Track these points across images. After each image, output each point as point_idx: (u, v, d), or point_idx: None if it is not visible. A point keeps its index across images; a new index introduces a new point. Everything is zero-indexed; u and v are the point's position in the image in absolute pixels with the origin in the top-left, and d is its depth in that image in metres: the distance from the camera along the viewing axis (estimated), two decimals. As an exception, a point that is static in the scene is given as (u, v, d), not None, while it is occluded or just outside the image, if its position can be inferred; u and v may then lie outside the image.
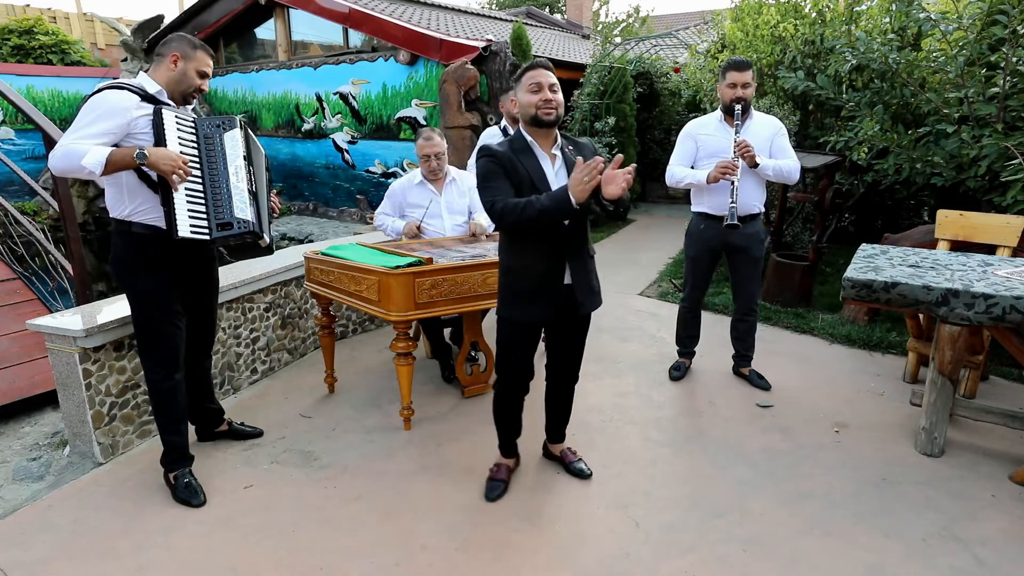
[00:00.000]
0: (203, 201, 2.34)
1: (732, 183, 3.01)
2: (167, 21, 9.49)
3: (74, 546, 2.23)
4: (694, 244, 3.37)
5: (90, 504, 2.46)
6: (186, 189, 2.28)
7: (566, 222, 2.15)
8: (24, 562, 2.16)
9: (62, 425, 2.95)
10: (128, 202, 2.32)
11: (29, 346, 3.60)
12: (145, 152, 2.14)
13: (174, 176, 2.18)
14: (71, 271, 3.77)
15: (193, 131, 2.35)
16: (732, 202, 3.00)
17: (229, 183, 2.38)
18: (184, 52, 2.35)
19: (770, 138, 3.15)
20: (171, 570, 2.12)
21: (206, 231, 2.33)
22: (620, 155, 2.05)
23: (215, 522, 2.35)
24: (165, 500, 2.48)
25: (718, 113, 3.21)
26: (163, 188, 2.26)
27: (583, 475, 2.61)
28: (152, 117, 2.24)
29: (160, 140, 2.22)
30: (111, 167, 2.14)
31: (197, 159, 2.34)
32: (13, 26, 9.71)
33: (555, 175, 2.21)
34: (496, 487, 2.52)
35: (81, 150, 2.11)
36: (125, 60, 9.54)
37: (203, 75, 2.40)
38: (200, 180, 2.34)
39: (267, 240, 2.55)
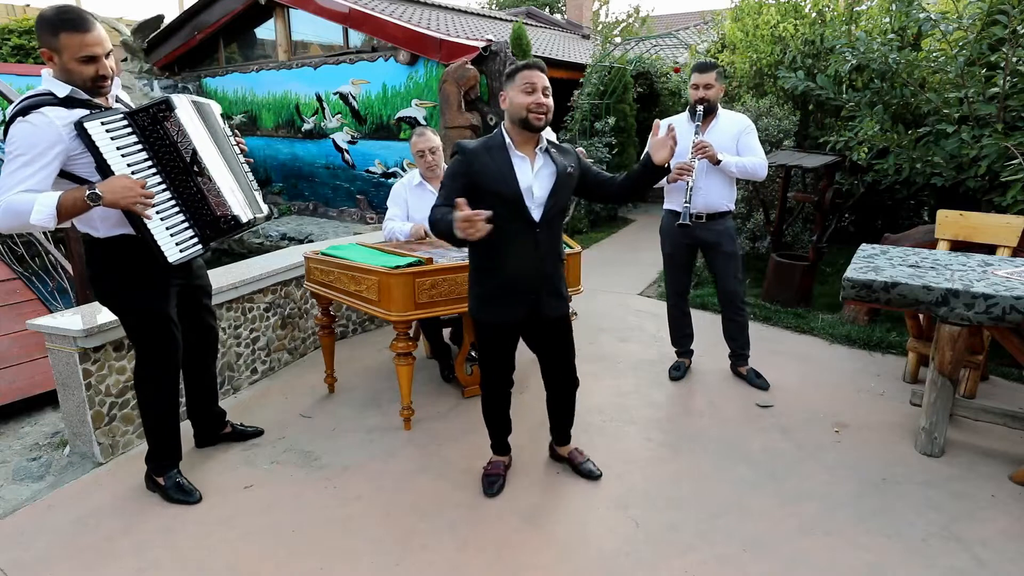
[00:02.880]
0: (178, 210, 2.10)
1: (687, 184, 3.09)
2: (167, 21, 9.49)
3: (74, 546, 2.23)
4: (667, 241, 3.46)
5: (90, 504, 2.46)
6: (155, 205, 2.05)
7: (537, 230, 2.15)
8: (24, 562, 2.16)
9: (62, 425, 2.95)
10: (100, 226, 2.12)
11: (29, 346, 3.60)
12: (97, 192, 1.89)
13: (138, 206, 1.94)
14: (71, 271, 3.77)
15: (130, 132, 2.02)
16: (686, 201, 3.10)
17: (195, 179, 2.10)
18: (47, 42, 1.91)
19: (736, 136, 3.21)
20: (171, 570, 2.12)
21: (197, 243, 2.15)
22: (658, 121, 2.08)
23: (215, 522, 2.35)
24: (165, 500, 2.48)
25: (687, 112, 3.27)
26: (131, 216, 2.02)
27: (592, 476, 2.59)
28: (78, 133, 1.92)
29: (100, 160, 1.94)
30: (64, 216, 1.89)
31: (149, 163, 2.05)
32: (13, 26, 9.71)
33: (534, 175, 2.16)
34: (495, 481, 2.53)
35: (25, 206, 1.83)
36: (125, 60, 9.53)
37: (86, 60, 1.92)
38: (164, 186, 2.07)
39: (263, 215, 2.35)
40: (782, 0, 5.61)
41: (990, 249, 3.29)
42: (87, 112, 1.97)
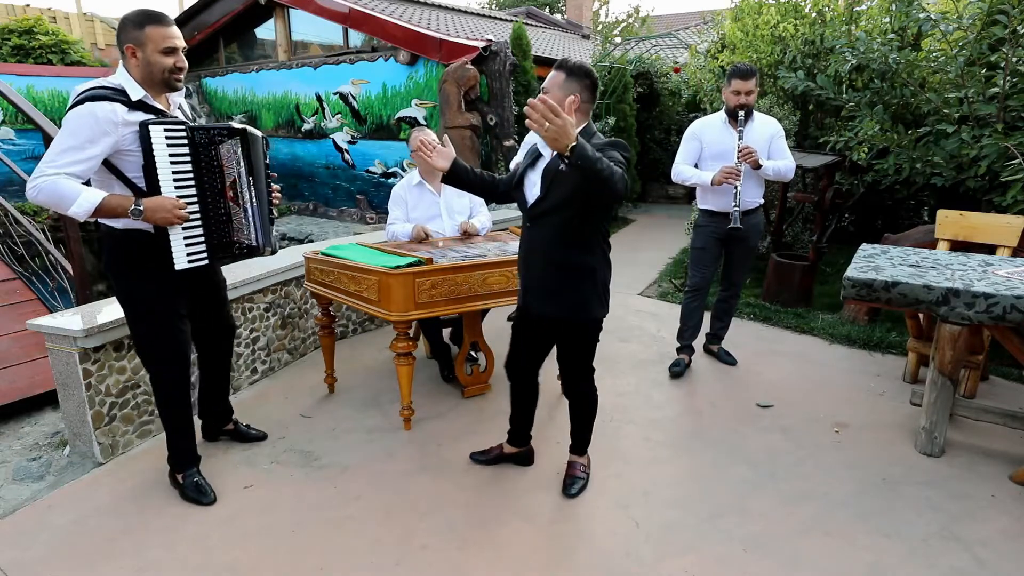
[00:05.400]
0: (199, 224, 2.22)
1: (735, 187, 3.19)
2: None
3: (74, 546, 2.23)
4: (700, 236, 3.51)
5: (90, 504, 2.46)
6: None
7: (528, 223, 2.25)
8: (24, 562, 2.16)
9: (62, 425, 2.95)
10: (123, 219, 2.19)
11: (29, 346, 3.60)
12: (141, 209, 2.06)
13: (174, 222, 2.13)
14: (71, 271, 3.77)
15: (186, 144, 2.16)
16: (735, 206, 3.20)
17: (227, 202, 2.25)
18: (134, 38, 2.06)
19: (769, 139, 3.31)
20: (171, 570, 2.12)
21: (204, 256, 2.26)
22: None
23: (215, 522, 2.35)
24: (165, 500, 2.48)
25: (722, 115, 3.35)
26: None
27: (567, 493, 2.49)
28: (139, 133, 2.07)
29: (149, 162, 2.09)
30: (100, 215, 2.05)
31: (191, 176, 2.19)
32: (13, 26, 9.70)
33: (534, 169, 2.24)
34: (482, 455, 2.72)
35: (71, 193, 1.97)
36: (125, 60, 9.53)
37: (169, 51, 2.08)
38: (196, 199, 2.21)
39: (270, 250, 2.46)
40: (782, 0, 5.61)
41: (990, 249, 3.30)
42: (149, 117, 2.10)
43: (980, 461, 2.71)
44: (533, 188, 2.20)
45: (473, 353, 3.39)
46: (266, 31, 8.87)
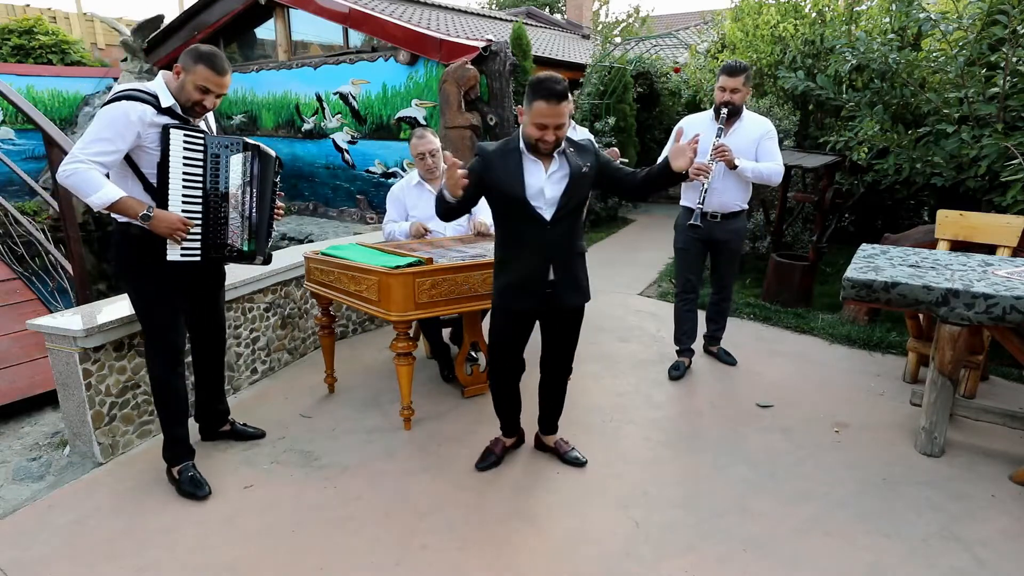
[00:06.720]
0: (199, 223, 2.37)
1: (702, 184, 3.12)
2: (167, 21, 9.47)
3: (74, 546, 2.23)
4: (680, 236, 3.49)
5: (90, 504, 2.46)
6: (184, 211, 2.32)
7: (548, 227, 2.23)
8: (24, 562, 2.16)
9: (62, 425, 2.95)
10: None
11: (29, 346, 3.60)
12: (150, 215, 2.24)
13: (174, 237, 2.28)
14: (71, 271, 3.77)
15: (202, 149, 2.35)
16: (699, 202, 3.14)
17: (227, 208, 2.41)
18: (185, 64, 2.31)
19: (757, 140, 3.23)
20: (171, 570, 2.12)
21: (197, 253, 2.38)
22: (680, 127, 2.12)
23: (215, 522, 2.35)
24: (165, 500, 2.48)
25: (710, 112, 3.32)
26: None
27: (578, 463, 2.66)
28: (161, 135, 2.27)
29: (164, 159, 2.28)
30: (114, 210, 2.24)
31: (200, 178, 2.35)
32: (13, 26, 9.70)
33: (547, 177, 2.23)
34: (487, 457, 2.69)
35: (95, 184, 2.17)
36: (125, 60, 9.52)
37: (202, 90, 2.30)
38: (200, 201, 2.36)
39: (261, 259, 2.58)
40: (782, 0, 5.61)
41: (990, 249, 3.30)
42: (174, 122, 2.32)
43: (980, 461, 2.71)
44: (544, 193, 2.22)
45: (473, 353, 3.39)
46: (266, 31, 8.86)
